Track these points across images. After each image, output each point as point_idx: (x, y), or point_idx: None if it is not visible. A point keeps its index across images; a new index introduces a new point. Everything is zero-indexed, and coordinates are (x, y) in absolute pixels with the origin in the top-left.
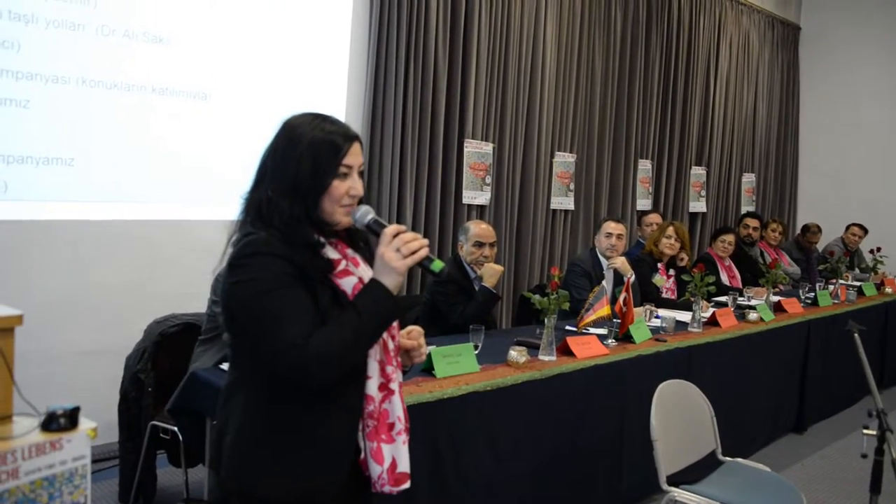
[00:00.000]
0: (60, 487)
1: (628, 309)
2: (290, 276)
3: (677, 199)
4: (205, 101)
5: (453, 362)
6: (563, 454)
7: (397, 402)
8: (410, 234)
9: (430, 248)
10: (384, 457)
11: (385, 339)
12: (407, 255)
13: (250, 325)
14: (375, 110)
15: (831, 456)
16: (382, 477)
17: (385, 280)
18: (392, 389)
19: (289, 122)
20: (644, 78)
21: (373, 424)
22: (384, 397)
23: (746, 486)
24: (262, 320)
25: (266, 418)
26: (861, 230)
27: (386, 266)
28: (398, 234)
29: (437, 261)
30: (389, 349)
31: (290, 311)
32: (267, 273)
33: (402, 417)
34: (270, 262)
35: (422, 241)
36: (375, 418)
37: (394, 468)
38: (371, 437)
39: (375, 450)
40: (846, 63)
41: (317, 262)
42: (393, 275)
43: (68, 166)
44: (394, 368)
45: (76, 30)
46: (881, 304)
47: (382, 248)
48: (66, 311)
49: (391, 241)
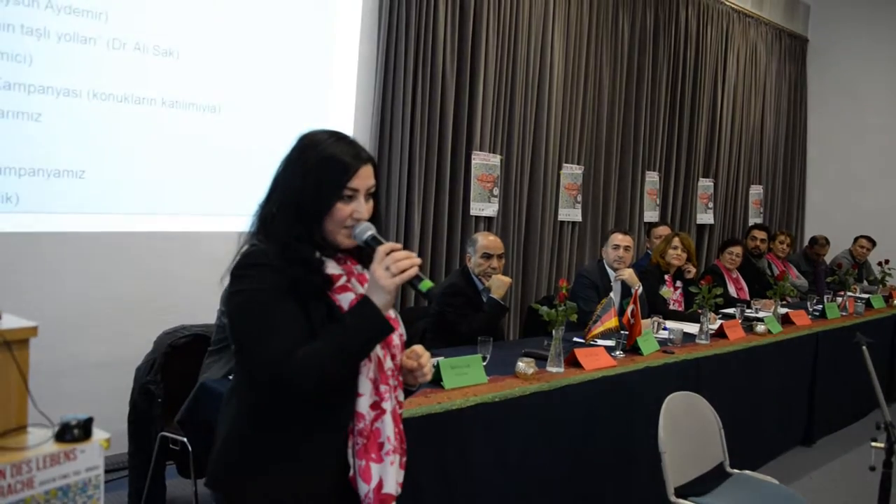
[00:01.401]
0: (74, 497)
1: (636, 321)
2: (284, 289)
3: (685, 210)
4: (215, 114)
5: (462, 373)
6: (571, 466)
7: (389, 421)
8: (403, 252)
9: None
10: (372, 476)
11: (380, 357)
12: (396, 273)
13: (241, 335)
14: (384, 122)
15: (840, 469)
16: (369, 496)
17: (375, 298)
18: (384, 409)
19: (304, 138)
20: (651, 90)
21: (362, 442)
22: (376, 416)
23: (754, 499)
24: (252, 331)
25: (253, 427)
26: (869, 242)
27: (376, 284)
28: (391, 252)
29: (427, 280)
30: (385, 368)
31: (279, 324)
32: (261, 285)
33: (391, 437)
34: (266, 275)
35: (413, 260)
36: (365, 436)
37: (379, 488)
38: (360, 455)
39: (364, 468)
40: (853, 75)
41: (312, 278)
42: (382, 293)
43: (79, 178)
44: (388, 388)
45: (87, 43)
46: (890, 317)
47: (374, 266)
48: (77, 323)
49: (383, 258)
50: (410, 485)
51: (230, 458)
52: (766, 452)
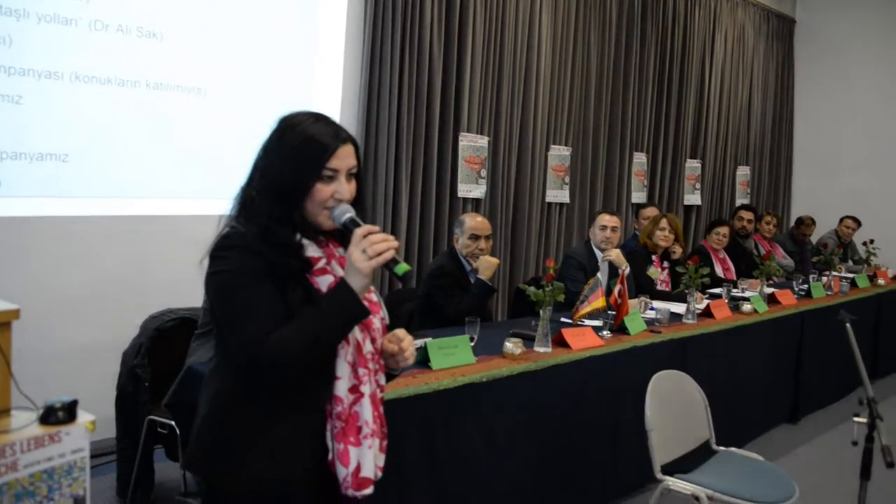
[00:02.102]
0: (59, 480)
1: (623, 301)
2: (262, 271)
3: (672, 191)
4: (200, 96)
5: (449, 354)
6: (559, 444)
7: (367, 405)
8: (380, 235)
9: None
10: (350, 459)
11: (359, 341)
12: (372, 256)
13: (219, 316)
14: (371, 104)
15: (824, 445)
16: (347, 480)
17: (351, 281)
18: (363, 392)
19: (283, 119)
20: (639, 71)
21: (341, 426)
22: (354, 400)
23: (740, 475)
24: (229, 313)
25: (231, 408)
26: (854, 222)
27: (352, 267)
28: (367, 235)
29: (403, 264)
30: (364, 351)
31: (255, 306)
32: (239, 267)
33: (369, 421)
34: (244, 257)
35: (389, 243)
36: (344, 420)
37: (357, 472)
38: (339, 438)
39: (342, 451)
40: (840, 56)
41: (290, 260)
42: (358, 276)
43: (63, 162)
44: (367, 371)
45: (69, 25)
46: (874, 296)
47: (351, 248)
48: (62, 308)
49: (360, 241)
50: (398, 465)
51: (208, 441)
52: (751, 430)
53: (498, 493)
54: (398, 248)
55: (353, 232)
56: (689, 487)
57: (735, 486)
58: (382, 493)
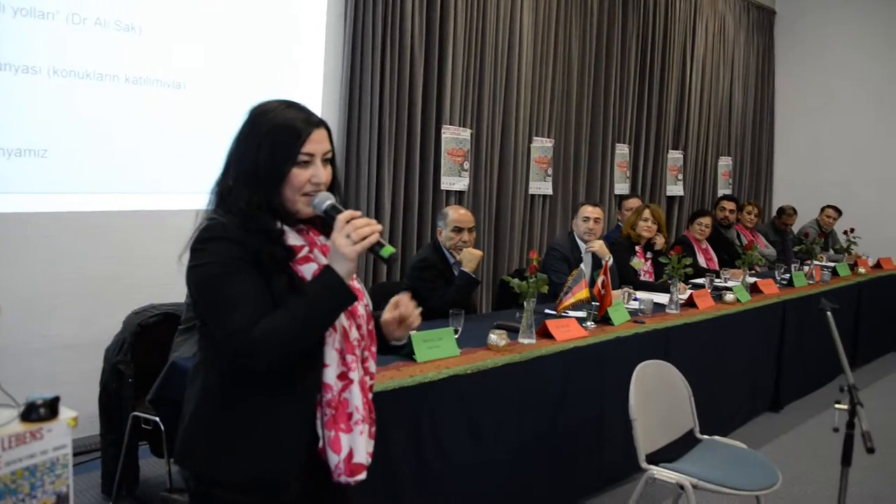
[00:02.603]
0: (42, 477)
1: (606, 292)
2: (245, 261)
3: (654, 182)
4: (179, 90)
5: (434, 346)
6: (544, 435)
7: (357, 392)
8: (363, 220)
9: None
10: (342, 446)
11: (346, 328)
12: (357, 240)
13: (204, 309)
14: (352, 97)
15: (806, 433)
16: (339, 466)
17: (337, 266)
18: (352, 379)
19: (254, 109)
20: (621, 62)
21: (331, 413)
22: (343, 387)
23: (723, 463)
24: (214, 304)
25: (220, 401)
26: (835, 212)
27: (337, 252)
28: (350, 220)
29: (388, 246)
30: (351, 338)
31: (240, 295)
32: (221, 258)
33: (360, 407)
34: (226, 247)
35: (373, 227)
36: (333, 407)
37: (350, 458)
38: (329, 425)
39: (333, 439)
40: (820, 46)
41: (273, 248)
42: (343, 261)
43: (42, 158)
44: (355, 358)
45: (46, 18)
46: (854, 284)
47: (334, 234)
48: (44, 305)
49: (343, 226)
50: (383, 458)
51: (198, 434)
52: (735, 418)
53: (483, 485)
54: (382, 232)
55: (336, 218)
56: (674, 476)
57: (719, 475)
58: (368, 486)
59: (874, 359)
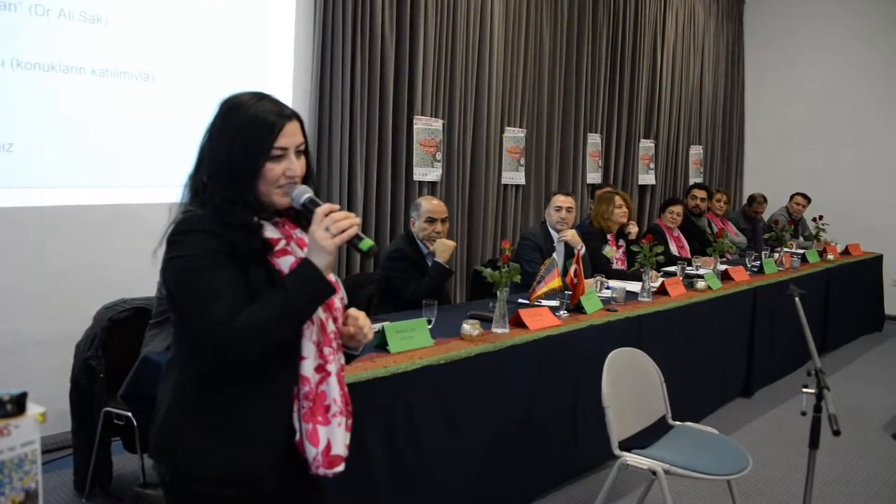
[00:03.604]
0: (10, 474)
1: (579, 280)
2: (222, 253)
3: (626, 171)
4: (148, 82)
5: (407, 337)
6: (518, 424)
7: (334, 384)
8: (342, 213)
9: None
10: (320, 439)
11: (323, 320)
12: (336, 233)
13: (181, 301)
14: (323, 88)
15: (777, 418)
16: (318, 459)
17: (315, 259)
18: (329, 371)
19: (225, 102)
20: (592, 52)
21: (308, 406)
22: (321, 379)
23: (695, 448)
24: (191, 297)
25: (195, 396)
26: (804, 199)
27: (316, 245)
28: (329, 213)
29: (367, 240)
30: (328, 331)
31: (218, 288)
32: (198, 250)
33: (338, 399)
34: (203, 240)
35: (352, 220)
36: (311, 400)
37: (328, 450)
38: (307, 418)
39: (311, 431)
40: (789, 34)
41: (250, 241)
42: (322, 254)
43: (7, 152)
44: (332, 350)
45: (8, 9)
46: (823, 271)
47: (313, 227)
48: (12, 300)
49: (322, 220)
50: (358, 450)
51: (173, 429)
52: (707, 405)
53: (458, 475)
54: (360, 225)
55: (314, 212)
56: (646, 462)
57: (691, 460)
58: (343, 477)
59: (843, 344)
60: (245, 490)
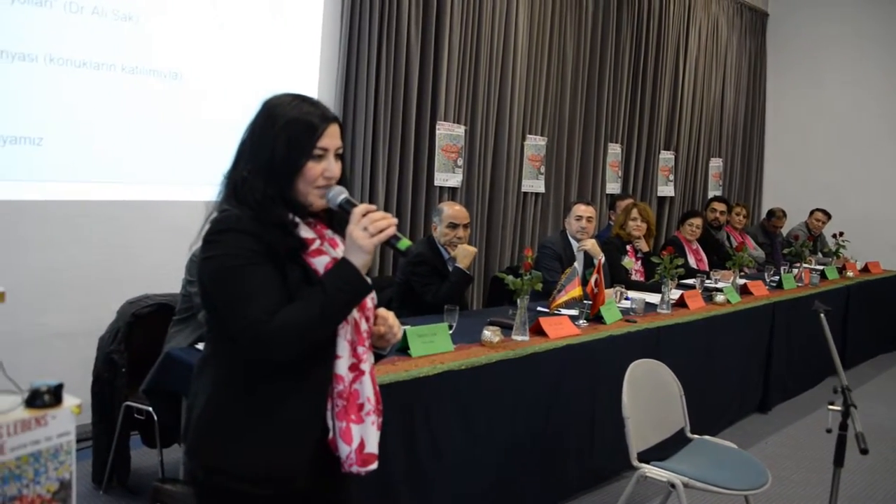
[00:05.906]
0: (46, 463)
1: (599, 290)
2: (259, 253)
3: (646, 182)
4: (176, 81)
5: (428, 342)
6: (536, 432)
7: (368, 382)
8: (379, 213)
9: (402, 230)
10: (353, 437)
11: (357, 320)
12: (374, 233)
13: (218, 301)
14: (348, 92)
15: (794, 434)
16: (351, 457)
17: (353, 259)
18: (363, 370)
19: (268, 102)
20: (614, 62)
21: (342, 404)
22: (355, 378)
23: (714, 463)
24: (229, 296)
25: (232, 394)
26: (824, 215)
27: (354, 244)
28: (367, 213)
29: (405, 239)
30: (361, 330)
31: (256, 287)
32: (236, 249)
33: (371, 398)
34: (240, 239)
35: (390, 220)
36: (345, 398)
37: (362, 448)
38: (340, 416)
39: (344, 429)
40: (811, 49)
41: (287, 240)
42: (360, 253)
43: (36, 146)
44: (365, 349)
45: (43, 6)
46: (843, 288)
47: (351, 227)
48: (38, 293)
49: (360, 219)
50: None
51: (210, 427)
52: (723, 419)
53: (475, 480)
54: (398, 225)
55: (351, 212)
56: (665, 475)
57: (710, 474)
58: (361, 479)
59: (861, 362)
60: (280, 487)
